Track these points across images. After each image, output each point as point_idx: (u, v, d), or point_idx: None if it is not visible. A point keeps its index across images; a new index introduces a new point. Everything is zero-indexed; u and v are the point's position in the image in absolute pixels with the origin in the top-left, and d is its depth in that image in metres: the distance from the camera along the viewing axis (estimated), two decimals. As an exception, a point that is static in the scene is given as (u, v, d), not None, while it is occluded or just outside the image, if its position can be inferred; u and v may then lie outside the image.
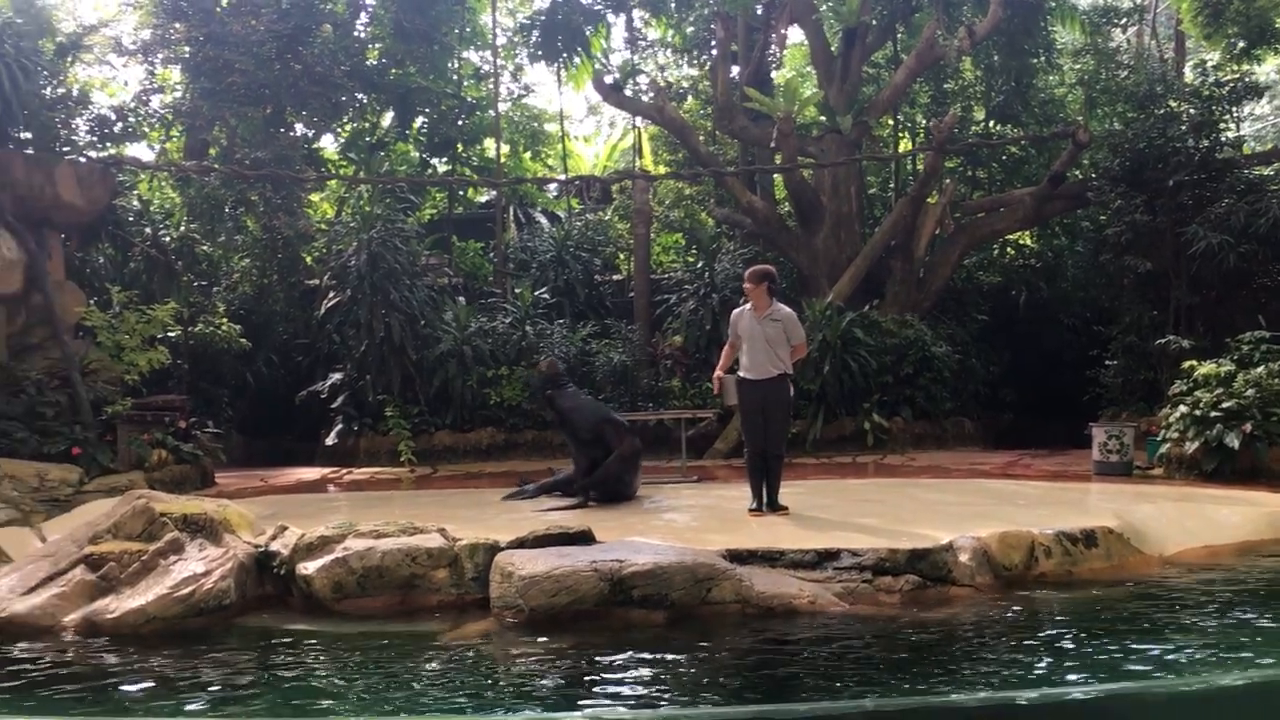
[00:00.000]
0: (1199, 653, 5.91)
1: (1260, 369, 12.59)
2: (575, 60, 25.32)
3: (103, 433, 13.51)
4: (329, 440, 18.67)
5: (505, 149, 26.96)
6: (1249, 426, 11.95)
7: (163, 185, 21.84)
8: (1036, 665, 5.69)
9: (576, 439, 11.13)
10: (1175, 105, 17.68)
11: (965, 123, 22.13)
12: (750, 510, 9.62)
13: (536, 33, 24.81)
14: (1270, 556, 8.65)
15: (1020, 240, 23.37)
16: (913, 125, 24.73)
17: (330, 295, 19.20)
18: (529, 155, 29.28)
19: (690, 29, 24.74)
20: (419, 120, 24.70)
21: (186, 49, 19.67)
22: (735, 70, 22.43)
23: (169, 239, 18.69)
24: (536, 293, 20.37)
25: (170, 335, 17.33)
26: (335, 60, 20.18)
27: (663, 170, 25.07)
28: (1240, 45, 17.92)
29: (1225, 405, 12.27)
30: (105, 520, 7.94)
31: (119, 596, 7.11)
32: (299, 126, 22.04)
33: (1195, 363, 13.43)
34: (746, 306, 9.78)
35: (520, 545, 7.49)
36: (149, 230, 18.42)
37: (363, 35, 23.33)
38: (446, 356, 18.42)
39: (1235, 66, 18.10)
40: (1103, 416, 16.08)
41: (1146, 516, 9.27)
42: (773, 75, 23.76)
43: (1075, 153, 19.26)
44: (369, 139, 24.40)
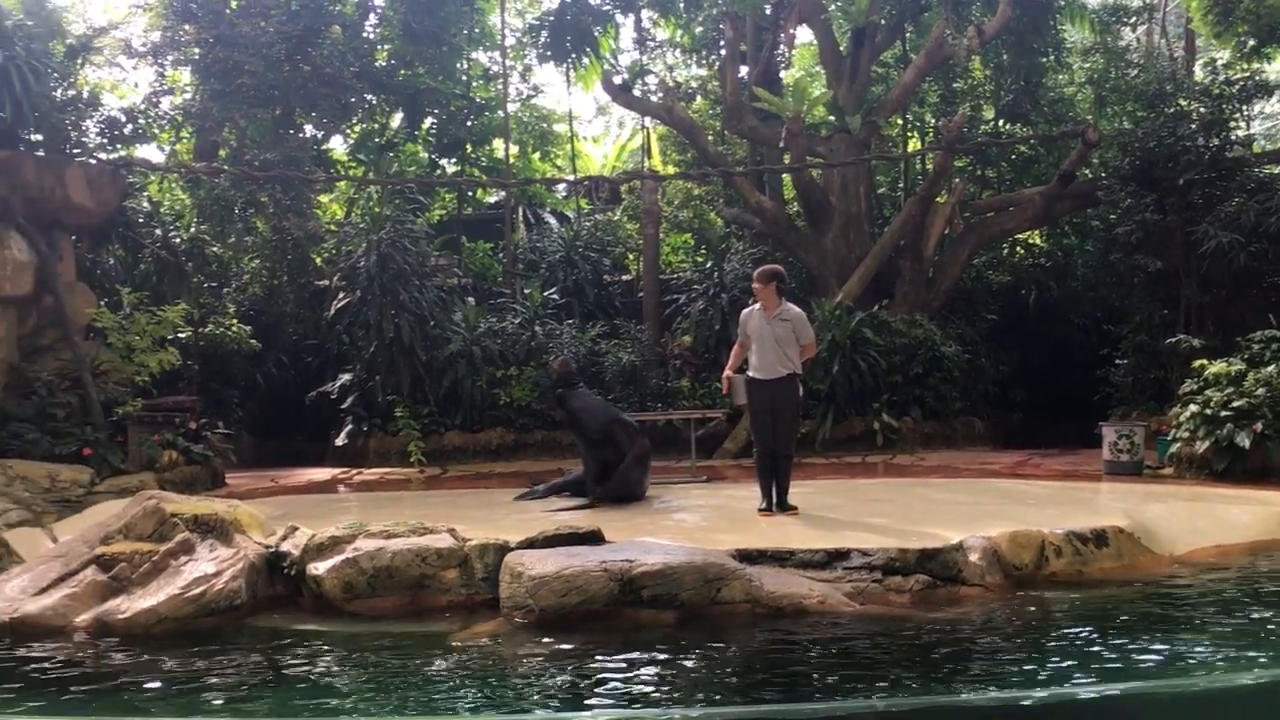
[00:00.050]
0: (1210, 652, 5.91)
1: (1271, 368, 12.54)
2: (584, 61, 25.32)
3: (113, 434, 13.54)
4: (339, 441, 18.70)
5: (514, 150, 26.97)
6: (1260, 426, 11.91)
7: (173, 187, 21.86)
8: (1047, 665, 5.68)
9: (586, 439, 11.12)
10: (1185, 104, 17.63)
11: (974, 122, 22.07)
12: (760, 510, 9.62)
13: (545, 33, 24.82)
14: (1282, 556, 8.64)
15: (1030, 239, 23.31)
16: (922, 125, 24.70)
17: (340, 296, 19.23)
18: (538, 156, 29.28)
19: (699, 29, 24.76)
20: (428, 121, 24.70)
21: (196, 51, 19.69)
22: (744, 70, 22.43)
23: (179, 240, 18.71)
24: (545, 293, 20.38)
25: (180, 336, 17.36)
26: (344, 61, 20.18)
27: (671, 170, 25.07)
28: (1250, 44, 17.83)
29: (1236, 404, 12.23)
30: (116, 521, 7.97)
31: (130, 597, 7.13)
32: (308, 128, 22.05)
33: (1206, 362, 13.37)
34: (756, 306, 9.77)
35: (530, 545, 7.50)
36: (159, 232, 18.43)
37: (372, 36, 23.34)
38: (456, 357, 18.43)
39: (1245, 65, 18.02)
40: (1113, 416, 16.03)
41: (1157, 516, 9.25)
42: (781, 75, 23.75)
43: (1085, 152, 19.20)
44: (378, 140, 24.41)
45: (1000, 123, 23.01)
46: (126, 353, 14.62)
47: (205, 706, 5.35)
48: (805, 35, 24.27)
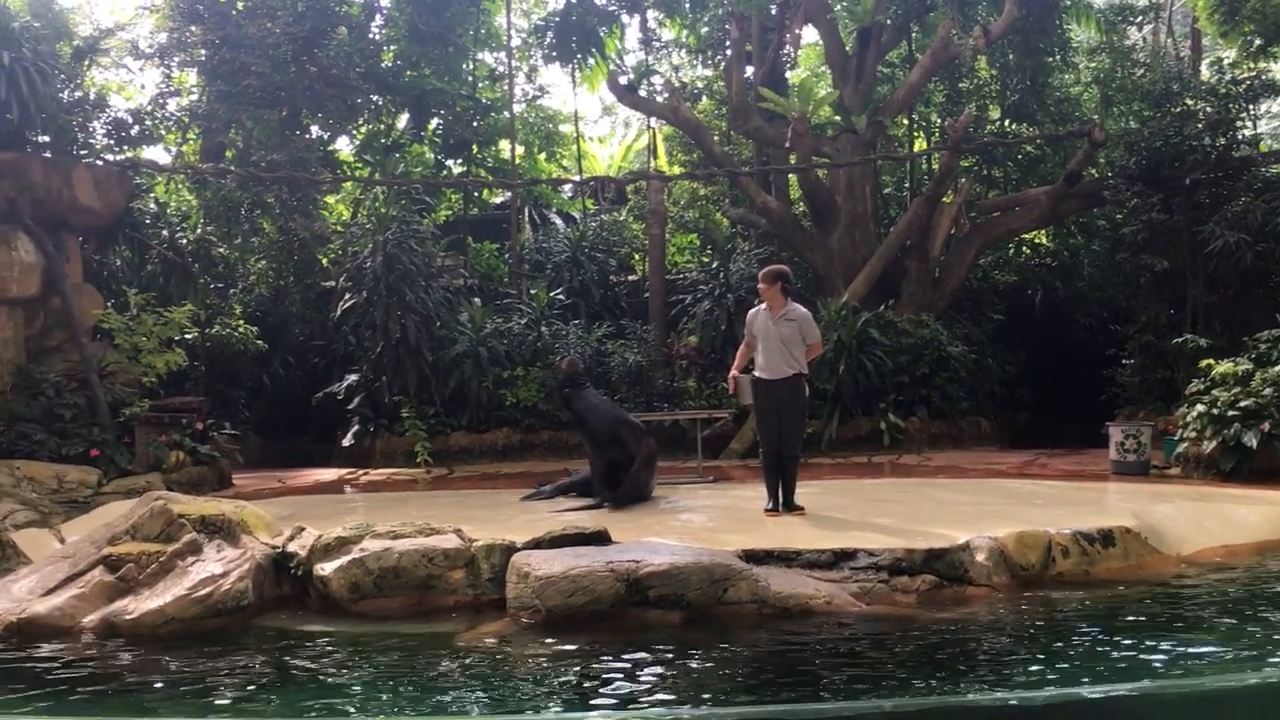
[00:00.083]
0: (1218, 653, 5.90)
1: (1278, 367, 12.52)
2: (590, 61, 25.31)
3: (121, 434, 13.58)
4: (345, 441, 18.70)
5: (520, 150, 26.98)
6: (1267, 425, 11.89)
7: (179, 188, 21.90)
8: (1054, 665, 5.67)
9: (593, 441, 11.10)
10: (1191, 103, 17.60)
11: (980, 122, 22.04)
12: (766, 510, 9.62)
13: (551, 34, 24.82)
14: (1289, 556, 8.63)
15: (1036, 239, 23.28)
16: (928, 124, 24.65)
17: (346, 297, 19.23)
18: (544, 156, 29.27)
19: (704, 29, 24.72)
20: (434, 122, 24.71)
21: (202, 52, 19.73)
22: (750, 70, 22.39)
23: (186, 241, 18.74)
24: (552, 293, 20.37)
25: (187, 337, 17.39)
26: (350, 63, 20.20)
27: (677, 171, 25.04)
28: (1257, 43, 17.80)
29: (1243, 404, 12.21)
30: (123, 522, 7.97)
31: (137, 597, 7.14)
32: (314, 129, 22.07)
33: (1212, 361, 13.36)
34: (762, 306, 9.78)
35: (536, 546, 7.50)
36: (166, 233, 18.48)
37: (378, 37, 23.36)
38: (462, 357, 18.44)
39: (1252, 64, 17.99)
40: (1119, 416, 16.01)
41: (1164, 516, 9.24)
42: (787, 75, 23.74)
43: (1091, 151, 19.18)
44: (384, 141, 24.43)
45: (1006, 122, 22.98)
46: (133, 354, 14.67)
47: (212, 707, 5.36)
48: (811, 35, 24.30)
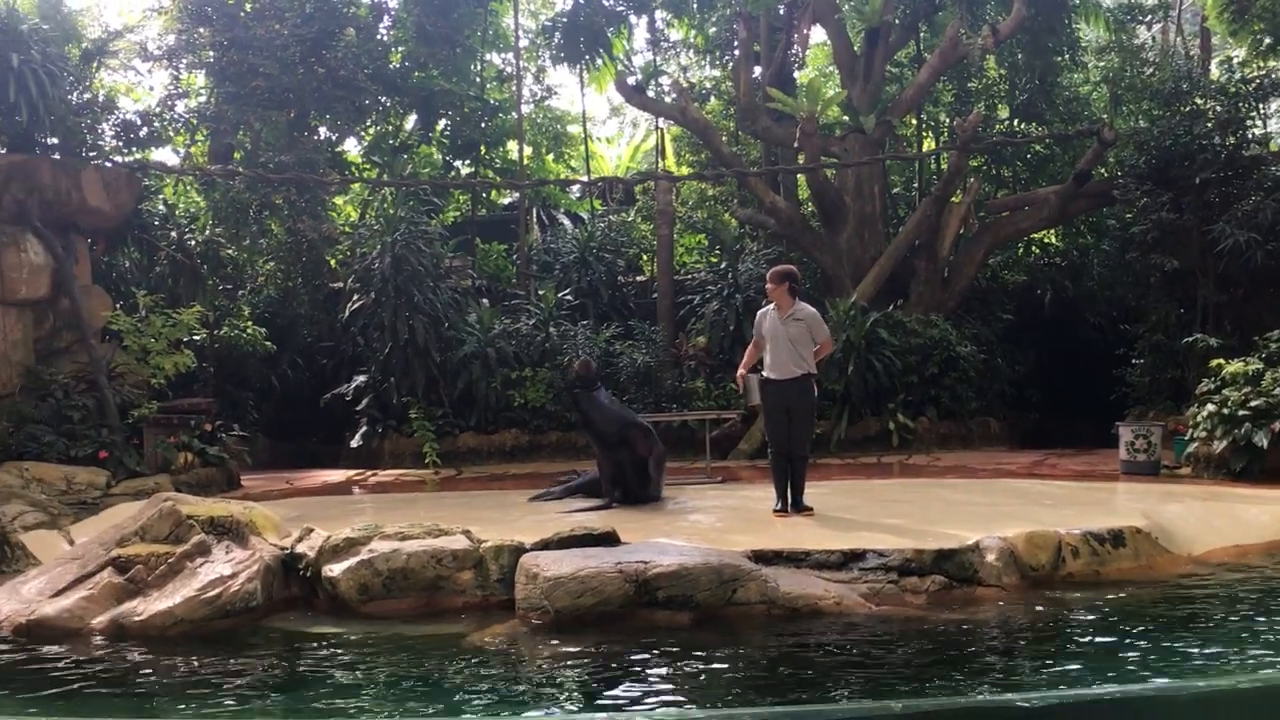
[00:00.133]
0: (1228, 653, 5.87)
1: (1289, 367, 12.50)
2: (597, 62, 25.34)
3: (129, 436, 13.60)
4: (354, 442, 18.72)
5: (528, 151, 26.97)
6: (1278, 425, 11.86)
7: (188, 189, 21.92)
8: (1065, 666, 5.66)
9: (602, 442, 11.06)
10: (1201, 102, 17.54)
11: (989, 121, 21.99)
12: (775, 511, 9.59)
13: (558, 35, 24.85)
14: (1301, 556, 8.59)
15: (1045, 239, 23.24)
16: (936, 124, 24.63)
17: (354, 298, 19.25)
18: (552, 157, 29.28)
19: (712, 29, 24.72)
20: (442, 123, 24.71)
21: (211, 54, 19.75)
22: (758, 70, 22.39)
23: (194, 243, 18.75)
24: (560, 294, 20.36)
25: (196, 339, 17.42)
26: (358, 64, 20.20)
27: (685, 171, 25.04)
28: (1266, 41, 17.73)
29: (1254, 404, 12.18)
30: (132, 523, 7.98)
31: (146, 599, 7.14)
32: (323, 130, 22.08)
33: (1223, 361, 13.32)
34: (770, 306, 9.76)
35: (545, 547, 7.49)
36: (174, 234, 18.48)
37: (385, 39, 23.37)
38: (470, 358, 18.44)
39: (1261, 63, 17.92)
40: (1130, 416, 15.96)
41: (1174, 516, 9.21)
42: (795, 75, 23.71)
43: (1100, 151, 19.14)
44: (392, 142, 24.43)
45: (1015, 122, 22.94)
46: (142, 355, 14.68)
47: (221, 708, 5.35)
48: (819, 35, 24.25)
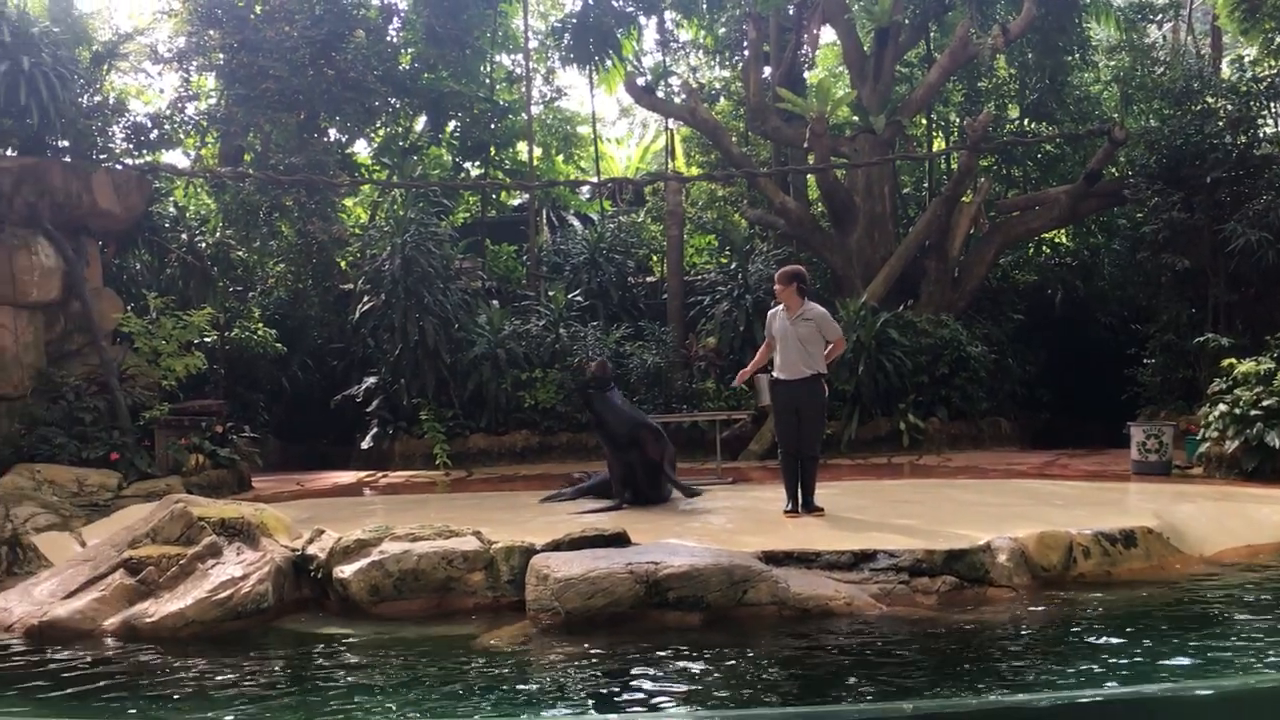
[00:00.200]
0: (1240, 654, 5.85)
1: (1301, 366, 12.46)
2: (607, 63, 25.31)
3: (140, 438, 13.63)
4: (364, 444, 18.74)
5: (538, 152, 26.99)
6: (1290, 425, 11.83)
7: (198, 191, 21.99)
8: (1076, 667, 5.63)
9: (613, 443, 11.06)
10: (1212, 101, 17.50)
11: (999, 121, 21.96)
12: (785, 512, 9.59)
13: (568, 36, 24.83)
14: (1313, 556, 8.56)
15: (1056, 239, 23.19)
16: (946, 124, 24.59)
17: (364, 299, 19.27)
18: (561, 158, 29.30)
19: (722, 30, 24.70)
20: (452, 124, 24.73)
21: (221, 56, 19.79)
22: (767, 71, 22.36)
23: (205, 245, 18.79)
24: (570, 295, 20.37)
25: (206, 340, 17.45)
26: (368, 65, 20.23)
27: (695, 172, 25.01)
28: (1277, 40, 17.67)
29: (1265, 403, 12.13)
30: (144, 525, 8.00)
31: (158, 600, 7.15)
32: (332, 132, 22.12)
33: (1234, 361, 13.28)
34: (780, 307, 9.75)
35: (556, 548, 7.48)
36: (185, 236, 18.54)
37: (395, 40, 23.39)
38: (480, 359, 18.45)
39: (1272, 61, 17.85)
40: (1141, 415, 15.93)
41: (1186, 516, 9.18)
42: (805, 75, 23.69)
43: (1111, 150, 19.10)
44: (402, 143, 24.46)
45: (1025, 121, 22.90)
46: (153, 357, 14.71)
47: (233, 710, 5.36)
48: (828, 35, 24.24)
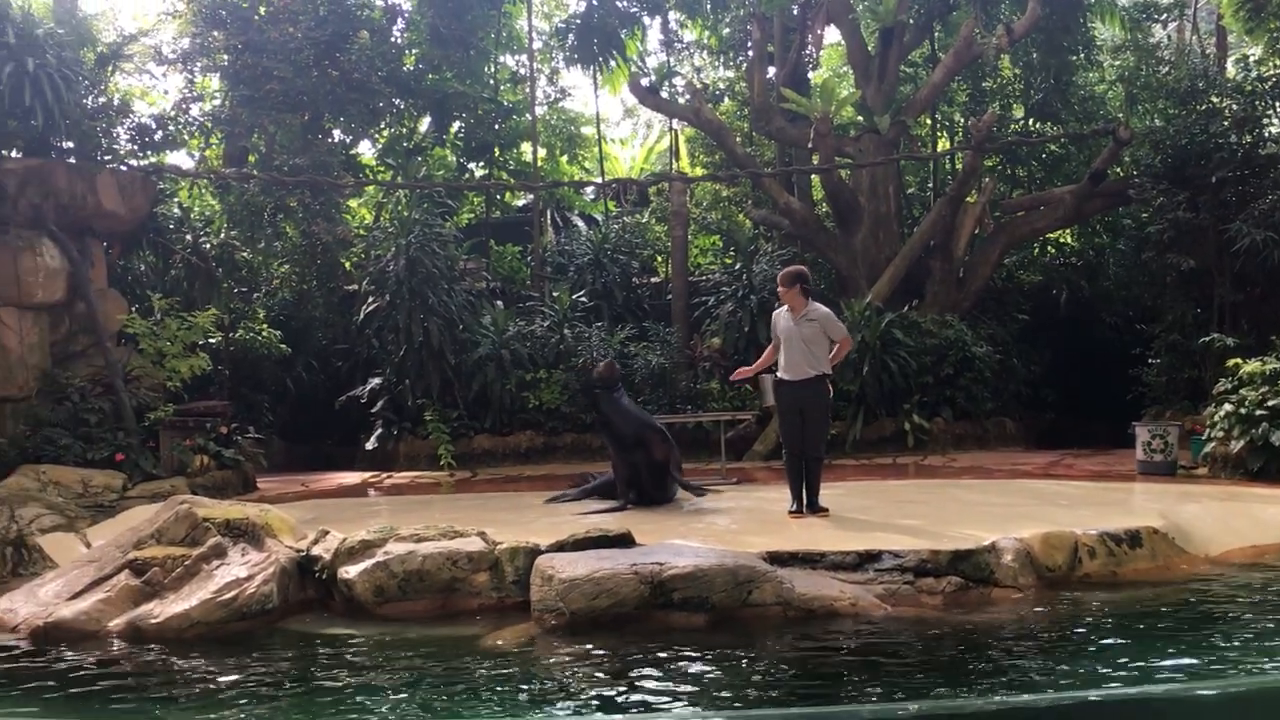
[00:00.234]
0: (1246, 654, 5.83)
1: (1307, 366, 12.43)
2: (611, 63, 25.33)
3: (145, 439, 13.63)
4: (369, 445, 18.75)
5: (542, 153, 26.96)
6: (1296, 424, 11.81)
7: (203, 193, 22.00)
8: (1081, 667, 5.62)
9: (619, 444, 11.05)
10: (1217, 101, 17.46)
11: (1004, 121, 21.93)
12: (790, 512, 9.58)
13: (572, 36, 24.86)
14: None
15: (1061, 239, 23.17)
16: (951, 124, 24.57)
17: (369, 300, 19.28)
18: (566, 159, 29.27)
19: (726, 30, 24.70)
20: (456, 125, 24.71)
21: (225, 57, 19.81)
22: (772, 71, 22.36)
23: (209, 246, 18.80)
24: (574, 296, 20.35)
25: (211, 341, 17.45)
26: (372, 66, 20.23)
27: (700, 172, 25.01)
28: (1283, 39, 17.69)
29: (1271, 403, 12.12)
30: (149, 526, 8.00)
31: (163, 601, 7.15)
32: (337, 133, 22.12)
33: (1240, 360, 13.26)
34: (785, 307, 9.75)
35: (560, 549, 7.49)
36: (189, 237, 18.53)
37: (399, 41, 23.41)
38: (485, 360, 18.45)
39: (1278, 60, 17.82)
40: (1146, 415, 15.90)
41: (1192, 516, 9.17)
42: (809, 76, 23.66)
43: (1116, 150, 19.07)
44: (406, 144, 24.44)
45: (1030, 121, 22.88)
46: (158, 358, 14.71)
47: (238, 710, 5.36)
48: (833, 35, 24.23)
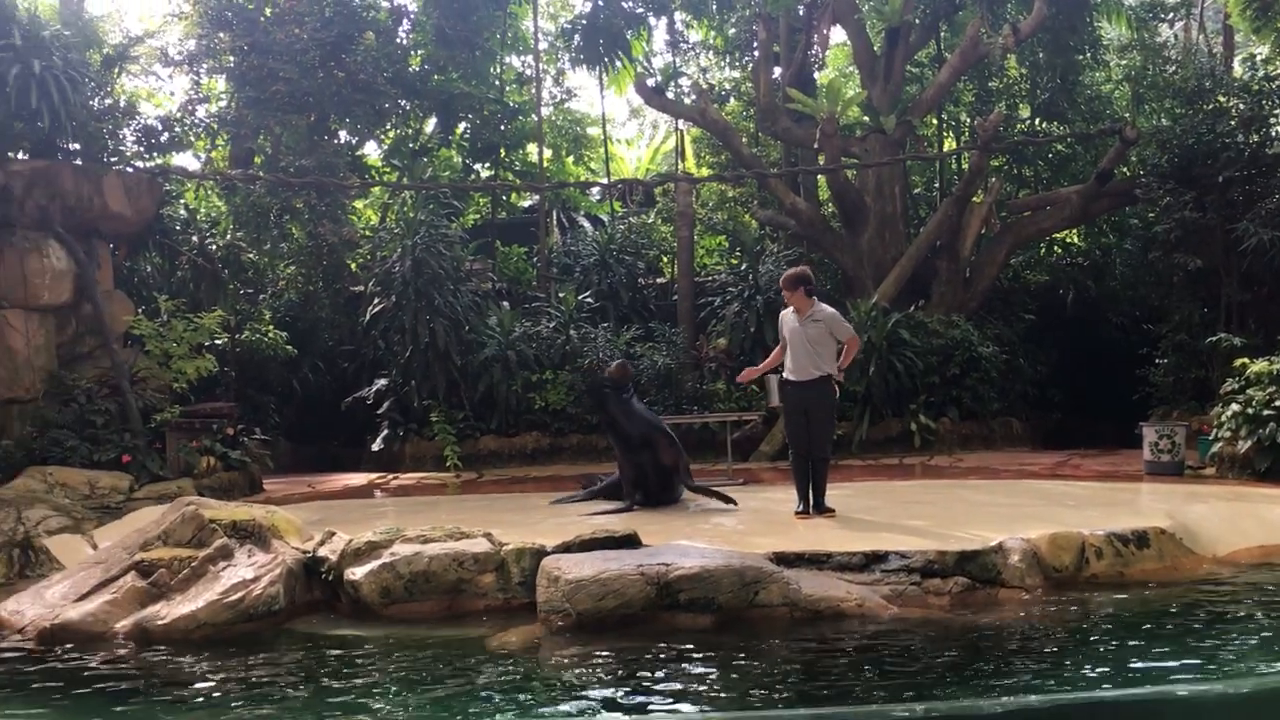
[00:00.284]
0: (1253, 655, 5.82)
1: (1314, 366, 12.40)
2: (617, 64, 25.31)
3: (152, 440, 13.65)
4: (375, 446, 18.75)
5: (548, 153, 26.96)
6: (1303, 425, 11.78)
7: (209, 194, 22.03)
8: (1088, 668, 5.61)
9: (626, 445, 11.04)
10: (1224, 100, 17.44)
11: (1010, 121, 21.90)
12: (796, 513, 9.58)
13: (578, 37, 24.84)
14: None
15: (1067, 239, 23.14)
16: (957, 124, 24.53)
17: (375, 301, 19.27)
18: (571, 159, 29.29)
19: (732, 30, 24.70)
20: (462, 126, 24.72)
21: (231, 58, 19.83)
22: (777, 71, 22.35)
23: (215, 247, 18.82)
24: (580, 297, 20.34)
25: (217, 343, 17.44)
26: (378, 67, 20.24)
27: (705, 172, 24.98)
28: (1290, 38, 17.66)
29: (1278, 403, 12.08)
30: (155, 527, 8.00)
31: (170, 603, 7.16)
32: (343, 134, 22.14)
33: (1247, 360, 13.22)
34: (791, 308, 9.74)
35: (566, 549, 7.49)
36: (196, 239, 18.56)
37: (405, 42, 23.40)
38: (491, 361, 18.45)
39: (1285, 60, 17.86)
40: (1153, 416, 15.87)
41: (1199, 516, 9.14)
42: (815, 76, 23.63)
43: (1123, 150, 19.05)
44: (412, 145, 24.46)
45: (1036, 121, 22.83)
46: (164, 360, 14.73)
47: (244, 711, 5.36)
48: (839, 35, 24.15)
